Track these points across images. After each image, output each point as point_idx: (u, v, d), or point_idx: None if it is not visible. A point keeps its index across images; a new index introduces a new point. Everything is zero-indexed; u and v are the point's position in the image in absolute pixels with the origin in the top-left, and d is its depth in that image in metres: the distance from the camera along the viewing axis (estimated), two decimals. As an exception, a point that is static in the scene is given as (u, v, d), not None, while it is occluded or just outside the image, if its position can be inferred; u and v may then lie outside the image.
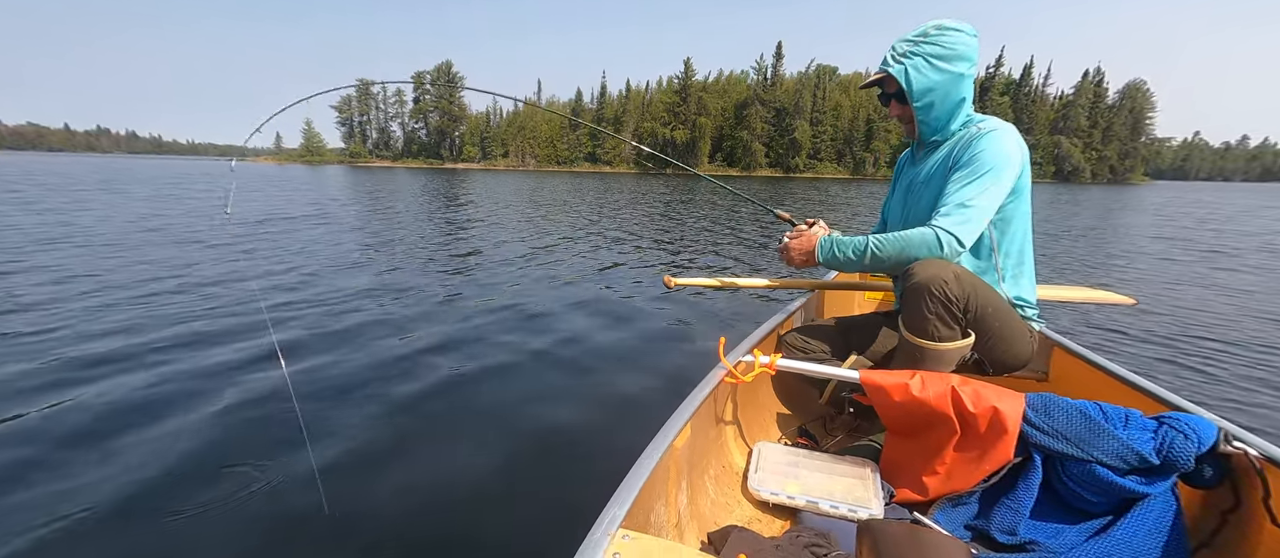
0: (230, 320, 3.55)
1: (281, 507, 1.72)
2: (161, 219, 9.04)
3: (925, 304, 1.31)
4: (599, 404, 2.51)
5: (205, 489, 1.79)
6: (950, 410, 1.22)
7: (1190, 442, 1.01)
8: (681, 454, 1.23)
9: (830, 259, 1.49)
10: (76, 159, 70.00)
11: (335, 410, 2.34)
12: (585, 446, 2.15)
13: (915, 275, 1.32)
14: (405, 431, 2.20)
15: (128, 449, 2.01)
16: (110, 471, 1.88)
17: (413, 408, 2.39)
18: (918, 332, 1.36)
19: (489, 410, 2.42)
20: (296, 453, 1.99)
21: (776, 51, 78.82)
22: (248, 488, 1.81)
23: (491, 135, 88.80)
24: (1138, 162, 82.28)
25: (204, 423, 2.21)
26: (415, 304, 4.08)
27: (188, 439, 2.09)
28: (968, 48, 1.41)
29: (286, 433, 2.13)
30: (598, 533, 0.83)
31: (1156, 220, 14.10)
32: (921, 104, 1.43)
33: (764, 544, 1.17)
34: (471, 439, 2.16)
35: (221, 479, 1.85)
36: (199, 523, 1.64)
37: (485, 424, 2.29)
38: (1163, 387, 1.33)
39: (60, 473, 1.87)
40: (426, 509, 1.72)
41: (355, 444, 2.09)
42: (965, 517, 1.20)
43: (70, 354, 2.89)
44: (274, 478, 1.86)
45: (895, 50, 1.44)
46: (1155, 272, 6.60)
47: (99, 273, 4.86)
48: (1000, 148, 1.36)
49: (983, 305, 1.34)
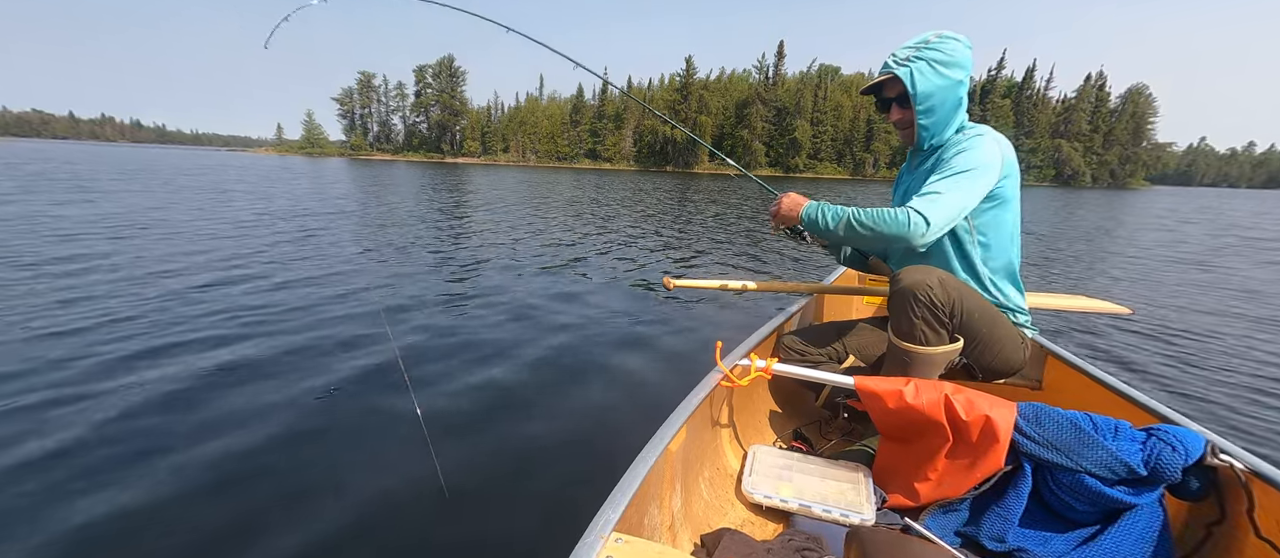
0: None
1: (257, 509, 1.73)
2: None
3: (911, 309, 1.34)
4: (595, 406, 2.52)
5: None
6: (943, 418, 1.24)
7: (1178, 454, 1.03)
8: (676, 457, 1.24)
9: (812, 220, 1.49)
10: (84, 147, 69.63)
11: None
12: (580, 447, 2.16)
13: (900, 281, 1.35)
14: (396, 433, 2.19)
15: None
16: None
17: (404, 408, 2.37)
18: (904, 336, 1.38)
19: (483, 411, 2.42)
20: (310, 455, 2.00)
21: (778, 50, 78.83)
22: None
23: (492, 131, 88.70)
24: (1138, 166, 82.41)
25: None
26: (406, 301, 4.08)
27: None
28: (965, 57, 1.44)
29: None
30: (591, 537, 0.84)
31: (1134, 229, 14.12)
32: (924, 108, 1.45)
33: (756, 547, 1.18)
34: (464, 440, 2.17)
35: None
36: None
37: (478, 425, 2.29)
38: (1154, 399, 1.34)
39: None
40: (418, 512, 1.73)
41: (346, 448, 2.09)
42: (956, 523, 1.22)
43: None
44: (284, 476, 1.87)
45: (897, 56, 1.46)
46: (1140, 276, 6.63)
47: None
48: (978, 151, 1.39)
49: (970, 311, 1.36)
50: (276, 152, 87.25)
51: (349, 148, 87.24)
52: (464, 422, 2.32)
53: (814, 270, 5.94)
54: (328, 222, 8.51)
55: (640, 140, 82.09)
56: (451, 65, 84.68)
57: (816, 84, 78.30)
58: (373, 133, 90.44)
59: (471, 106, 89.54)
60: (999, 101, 76.89)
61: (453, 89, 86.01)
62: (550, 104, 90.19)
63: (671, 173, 62.21)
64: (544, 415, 2.41)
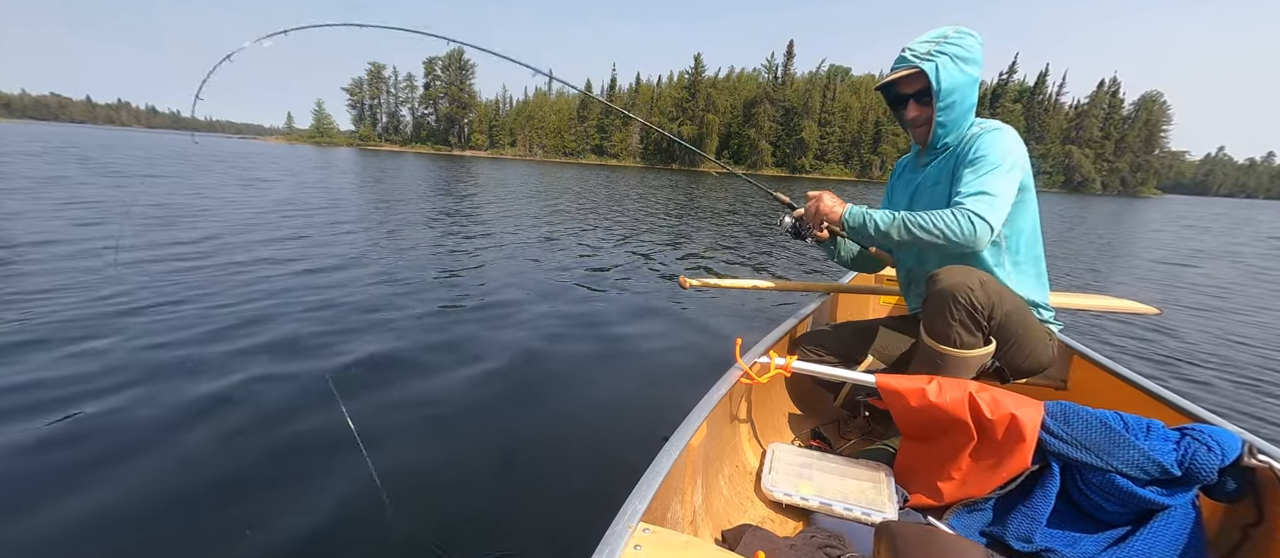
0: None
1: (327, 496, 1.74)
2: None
3: (949, 310, 1.31)
4: (617, 400, 2.52)
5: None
6: (967, 416, 1.22)
7: (1213, 454, 1.01)
8: (697, 453, 1.23)
9: (858, 225, 1.45)
10: (114, 133, 69.88)
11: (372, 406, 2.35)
12: (605, 440, 2.16)
13: (940, 281, 1.31)
14: (430, 425, 2.20)
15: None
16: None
17: (436, 403, 2.38)
18: (940, 338, 1.35)
19: (511, 405, 2.42)
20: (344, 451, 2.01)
21: (788, 50, 78.49)
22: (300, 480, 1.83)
23: (500, 124, 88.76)
24: (1150, 175, 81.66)
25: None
26: (427, 299, 4.07)
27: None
28: (980, 54, 1.43)
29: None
30: (619, 525, 0.85)
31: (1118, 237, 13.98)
32: (945, 103, 1.42)
33: (779, 544, 1.17)
34: (494, 432, 2.17)
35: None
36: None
37: (507, 418, 2.30)
38: (1185, 398, 1.32)
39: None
40: (452, 500, 1.73)
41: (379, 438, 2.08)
42: (980, 523, 1.20)
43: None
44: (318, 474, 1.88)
45: (916, 51, 1.43)
46: (1162, 279, 6.56)
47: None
48: (1004, 144, 1.37)
49: (1007, 313, 1.33)
50: (286, 140, 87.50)
51: (357, 138, 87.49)
52: (487, 416, 2.31)
53: (830, 271, 5.91)
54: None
55: (647, 138, 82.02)
56: (461, 58, 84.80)
57: (825, 85, 77.82)
58: (381, 124, 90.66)
59: (480, 100, 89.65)
60: (1010, 106, 76.23)
61: (462, 82, 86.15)
62: (558, 99, 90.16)
63: (678, 171, 62.08)
64: (568, 409, 2.41)
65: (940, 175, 1.50)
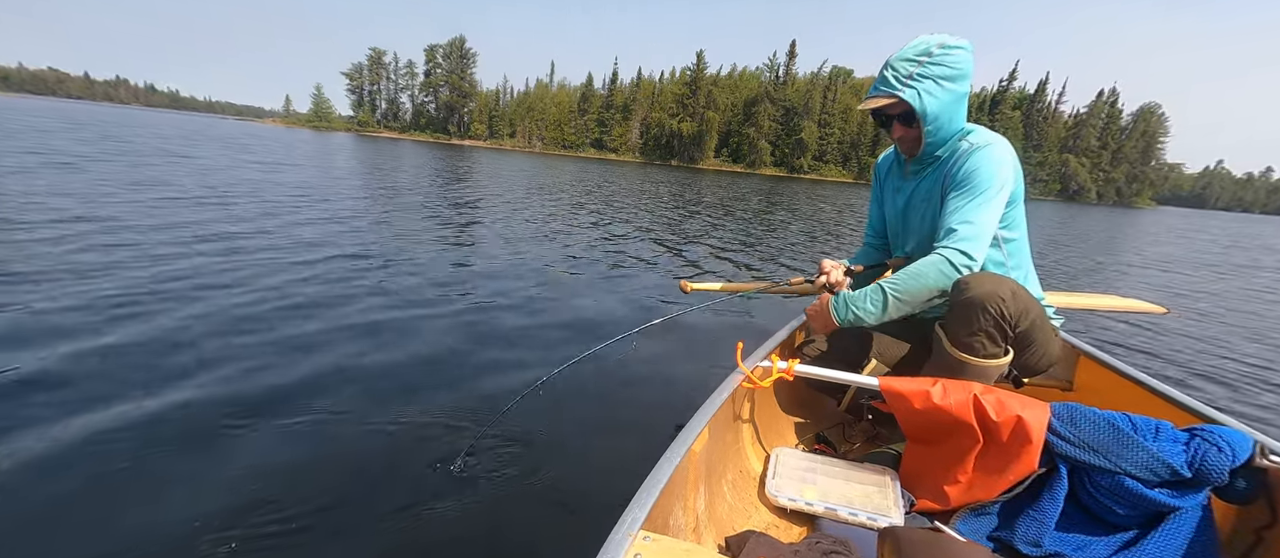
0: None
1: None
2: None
3: (977, 319, 1.28)
4: (617, 405, 2.49)
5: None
6: (973, 419, 1.21)
7: (1224, 455, 0.99)
8: (700, 458, 1.21)
9: (855, 319, 1.42)
10: (115, 110, 68.43)
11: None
12: (605, 446, 2.12)
13: (970, 289, 1.28)
14: (425, 430, 2.13)
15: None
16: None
17: (432, 406, 2.31)
18: (963, 347, 1.33)
19: (511, 407, 2.35)
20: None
21: (790, 50, 78.37)
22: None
23: (500, 114, 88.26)
24: (1145, 186, 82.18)
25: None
26: (418, 300, 3.95)
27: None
28: (969, 65, 1.40)
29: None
30: (619, 534, 0.83)
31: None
32: (932, 126, 1.41)
33: (783, 550, 1.15)
34: (491, 436, 2.12)
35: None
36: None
37: (506, 422, 2.22)
38: (1194, 398, 1.31)
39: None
40: (450, 509, 1.68)
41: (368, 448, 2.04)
42: (988, 527, 1.19)
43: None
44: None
45: (898, 72, 1.39)
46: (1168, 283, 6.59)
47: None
48: (993, 164, 1.36)
49: (1033, 322, 1.31)
50: (284, 124, 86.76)
51: (356, 123, 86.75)
52: (487, 419, 2.26)
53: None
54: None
55: (647, 133, 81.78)
56: (463, 46, 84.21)
57: (826, 86, 77.71)
58: (381, 110, 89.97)
59: (481, 89, 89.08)
60: (1009, 113, 76.42)
61: (463, 70, 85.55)
62: (559, 91, 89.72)
63: (677, 167, 61.95)
64: (567, 413, 2.36)
65: (932, 191, 1.48)
